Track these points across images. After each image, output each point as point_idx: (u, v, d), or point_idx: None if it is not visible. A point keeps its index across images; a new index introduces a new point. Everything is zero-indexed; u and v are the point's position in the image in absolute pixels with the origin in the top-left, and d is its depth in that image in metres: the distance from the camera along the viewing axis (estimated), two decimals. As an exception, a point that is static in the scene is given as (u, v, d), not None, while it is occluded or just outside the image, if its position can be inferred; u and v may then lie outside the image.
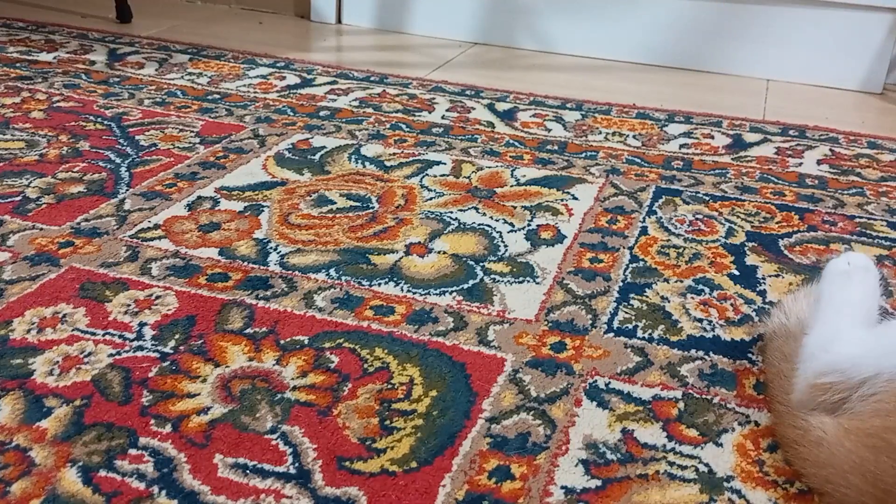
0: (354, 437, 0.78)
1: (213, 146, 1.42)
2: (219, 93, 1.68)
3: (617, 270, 1.08)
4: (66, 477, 0.72)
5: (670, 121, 1.63)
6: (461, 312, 0.98)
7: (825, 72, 1.90)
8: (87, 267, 1.04)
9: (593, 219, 1.22)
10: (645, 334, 0.95)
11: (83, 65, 1.82)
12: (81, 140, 1.42)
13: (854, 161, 1.47)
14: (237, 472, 0.74)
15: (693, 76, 1.96)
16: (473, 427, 0.80)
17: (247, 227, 1.16)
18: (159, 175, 1.30)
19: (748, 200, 1.30)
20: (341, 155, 1.40)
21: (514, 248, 1.13)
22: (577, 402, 0.84)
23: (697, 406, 0.84)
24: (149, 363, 0.87)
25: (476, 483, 0.74)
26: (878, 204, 1.31)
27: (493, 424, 0.80)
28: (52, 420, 0.79)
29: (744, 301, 1.03)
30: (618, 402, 0.84)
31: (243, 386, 0.84)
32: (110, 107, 1.57)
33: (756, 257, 1.13)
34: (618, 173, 1.37)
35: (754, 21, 1.91)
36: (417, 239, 1.14)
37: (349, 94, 1.71)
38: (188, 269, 1.05)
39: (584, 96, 1.75)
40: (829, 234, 1.20)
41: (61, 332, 0.92)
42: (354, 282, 1.03)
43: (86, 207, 1.19)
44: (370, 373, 0.87)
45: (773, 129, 1.61)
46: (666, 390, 0.86)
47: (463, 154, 1.43)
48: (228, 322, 0.94)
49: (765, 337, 0.93)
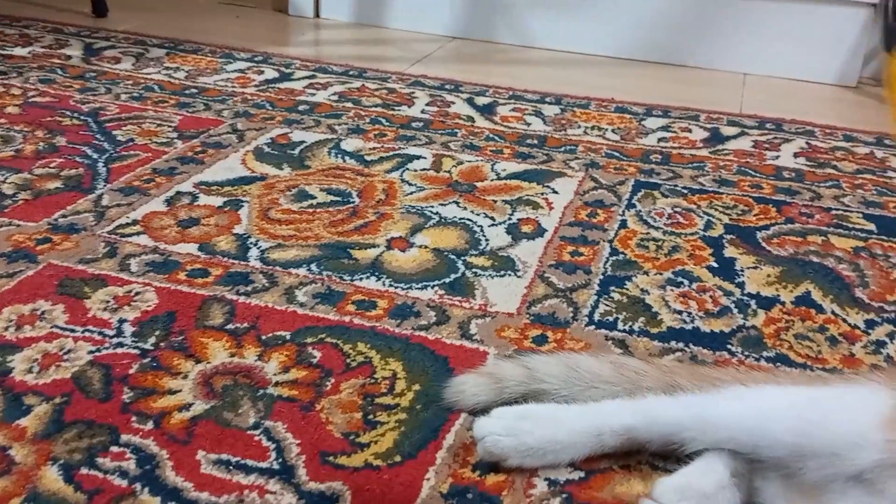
0: (338, 432, 0.78)
1: (191, 141, 1.41)
2: (196, 87, 1.67)
3: (597, 263, 1.09)
4: (46, 475, 0.72)
5: (648, 115, 1.64)
6: (443, 306, 0.98)
7: (801, 66, 1.91)
8: (65, 263, 1.03)
9: (573, 212, 1.22)
10: (626, 326, 0.96)
11: (59, 59, 1.80)
12: (58, 135, 1.40)
13: (830, 154, 1.49)
14: (220, 469, 0.74)
15: (670, 70, 1.97)
16: (457, 420, 0.80)
17: (226, 222, 1.15)
18: (137, 170, 1.29)
19: (726, 193, 1.31)
20: (321, 149, 1.40)
21: (495, 241, 1.13)
22: (560, 394, 0.84)
23: (678, 397, 0.85)
24: (129, 360, 0.87)
25: (460, 476, 0.74)
26: (854, 196, 1.32)
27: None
28: (31, 418, 0.78)
29: (723, 293, 1.04)
30: (600, 394, 0.84)
31: (225, 382, 0.84)
32: (87, 102, 1.56)
33: (734, 249, 1.14)
34: (597, 167, 1.38)
35: (731, 16, 1.93)
36: (398, 233, 1.14)
37: (328, 88, 1.70)
38: (167, 265, 1.04)
39: (563, 90, 1.75)
40: (807, 226, 1.21)
41: (40, 329, 0.91)
42: (336, 277, 1.03)
43: (63, 203, 1.18)
44: (353, 368, 0.87)
45: (750, 122, 1.62)
46: (647, 382, 0.87)
47: (443, 148, 1.43)
48: (209, 318, 0.94)
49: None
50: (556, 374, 0.82)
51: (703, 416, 0.74)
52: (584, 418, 0.77)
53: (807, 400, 0.71)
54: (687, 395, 0.78)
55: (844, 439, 0.65)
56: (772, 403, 0.73)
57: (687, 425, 0.74)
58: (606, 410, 0.78)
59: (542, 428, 0.76)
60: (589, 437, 0.76)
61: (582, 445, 0.76)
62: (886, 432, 0.63)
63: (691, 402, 0.77)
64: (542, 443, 0.75)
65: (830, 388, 0.73)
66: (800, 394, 0.74)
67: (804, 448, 0.67)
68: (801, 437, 0.68)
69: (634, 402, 0.78)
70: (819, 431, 0.67)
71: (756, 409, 0.73)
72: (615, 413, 0.77)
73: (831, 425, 0.67)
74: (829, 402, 0.69)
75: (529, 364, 0.83)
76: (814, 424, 0.68)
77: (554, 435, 0.76)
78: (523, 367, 0.83)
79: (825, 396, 0.71)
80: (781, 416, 0.71)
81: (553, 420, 0.77)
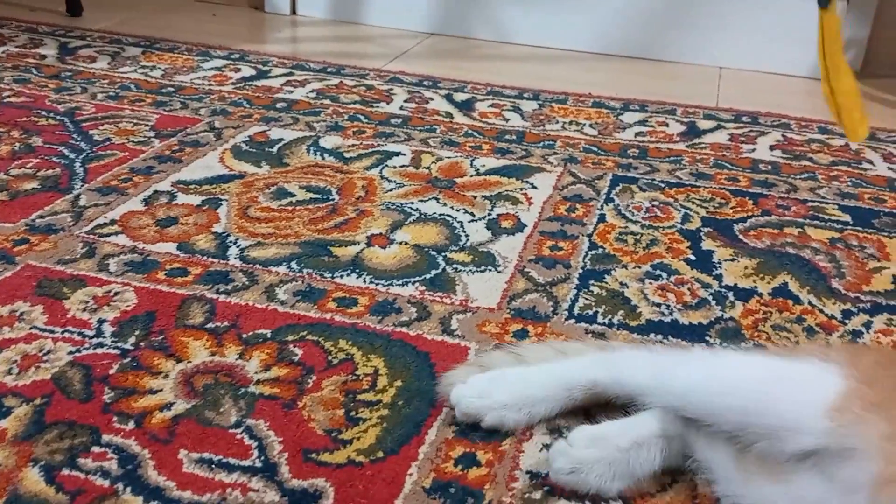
0: (320, 429, 0.78)
1: (169, 140, 1.40)
2: (173, 86, 1.66)
3: (576, 258, 1.09)
4: (28, 476, 0.72)
5: (625, 109, 1.65)
6: (424, 302, 0.98)
7: (776, 59, 1.92)
8: (43, 264, 1.03)
9: (552, 207, 1.23)
10: (605, 320, 0.97)
11: (33, 59, 1.79)
12: (34, 135, 1.39)
13: (806, 146, 1.50)
14: (203, 467, 0.74)
15: (647, 65, 1.98)
16: (439, 416, 0.80)
17: (205, 221, 1.15)
18: (114, 170, 1.29)
19: (703, 186, 1.32)
20: (300, 147, 1.40)
21: (475, 237, 1.14)
22: (541, 388, 0.85)
23: (658, 389, 0.85)
24: (109, 360, 0.86)
25: (442, 471, 0.74)
26: (830, 188, 1.33)
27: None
28: (11, 420, 0.78)
29: (700, 285, 1.04)
30: (580, 387, 0.85)
31: (206, 381, 0.84)
32: (63, 101, 1.55)
33: (712, 242, 1.15)
34: (575, 162, 1.39)
35: (706, 10, 1.94)
36: (379, 230, 1.14)
37: (306, 85, 1.70)
38: (146, 265, 1.04)
39: (541, 86, 1.76)
40: (783, 218, 1.23)
41: (19, 330, 0.90)
42: (316, 274, 1.03)
43: (40, 204, 1.17)
44: (334, 365, 0.87)
45: (726, 115, 1.63)
46: (627, 375, 0.87)
47: (422, 145, 1.43)
48: (189, 317, 0.94)
49: None
50: (544, 357, 0.83)
51: (662, 381, 0.76)
52: (553, 375, 0.80)
53: (759, 377, 0.72)
54: (655, 353, 0.81)
55: (788, 422, 0.67)
56: (726, 375, 0.74)
57: (646, 388, 0.76)
58: (574, 367, 0.81)
59: (513, 385, 0.79)
60: (559, 390, 0.79)
61: (553, 399, 0.79)
62: (830, 419, 0.64)
63: (656, 361, 0.79)
64: (514, 399, 0.78)
65: (787, 364, 0.73)
66: (755, 368, 0.74)
67: (749, 426, 0.69)
68: (747, 416, 0.69)
69: (603, 358, 0.81)
70: (764, 411, 0.68)
71: (709, 381, 0.74)
72: (583, 369, 0.80)
73: (776, 407, 0.68)
74: (779, 382, 0.70)
75: (518, 350, 0.85)
76: (760, 404, 0.69)
77: (524, 390, 0.79)
78: (512, 354, 0.85)
79: (778, 375, 0.71)
80: (731, 390, 0.72)
81: (523, 380, 0.80)
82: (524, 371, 0.82)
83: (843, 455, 0.63)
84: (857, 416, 0.64)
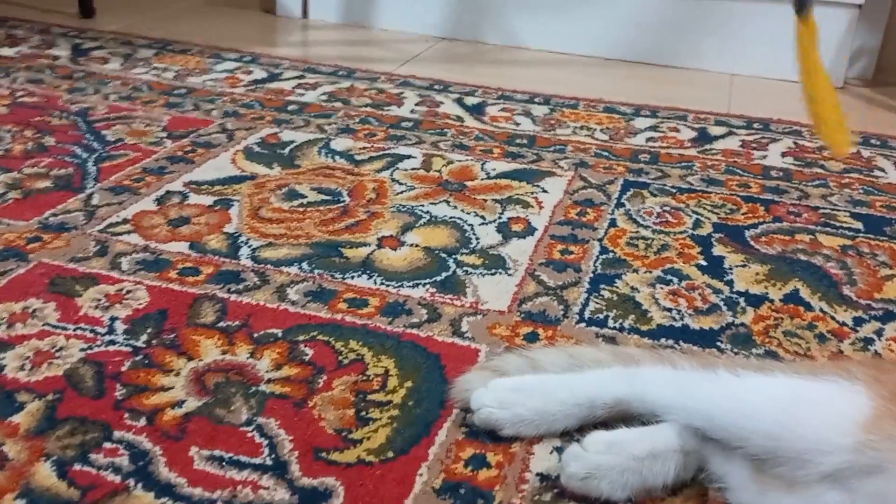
0: (330, 429, 0.78)
1: (181, 141, 1.41)
2: (185, 87, 1.67)
3: (587, 262, 1.09)
4: (40, 471, 0.72)
5: (637, 115, 1.65)
6: (434, 304, 0.98)
7: (788, 66, 1.92)
8: (56, 262, 1.03)
9: (563, 211, 1.23)
10: (616, 324, 0.97)
11: (46, 60, 1.80)
12: (47, 135, 1.40)
13: (817, 153, 1.50)
14: (213, 465, 0.74)
15: (658, 71, 1.98)
16: (449, 417, 0.80)
17: (217, 221, 1.15)
18: (127, 170, 1.29)
19: (714, 192, 1.32)
20: (311, 149, 1.40)
21: (486, 240, 1.14)
22: (551, 390, 0.85)
23: (669, 393, 0.85)
24: (121, 357, 0.87)
25: (452, 472, 0.74)
26: (842, 195, 1.33)
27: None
28: (24, 415, 0.78)
29: (712, 291, 1.04)
30: (591, 390, 0.85)
31: (217, 379, 0.84)
32: (75, 102, 1.56)
33: (723, 248, 1.15)
34: (586, 166, 1.39)
35: (718, 16, 1.94)
36: (389, 232, 1.14)
37: (317, 88, 1.70)
38: (158, 264, 1.04)
39: (552, 91, 1.76)
40: (794, 224, 1.22)
41: (32, 326, 0.91)
42: (327, 275, 1.03)
43: (53, 202, 1.18)
44: (345, 365, 0.87)
45: (737, 122, 1.63)
46: (638, 378, 0.87)
47: (433, 148, 1.43)
48: (201, 316, 0.94)
49: None
50: (556, 361, 0.83)
51: (686, 402, 0.75)
52: (575, 390, 0.79)
53: (786, 399, 0.71)
54: (678, 370, 0.79)
55: (817, 444, 0.66)
56: (752, 399, 0.73)
57: (670, 407, 0.75)
58: (598, 382, 0.79)
59: (534, 399, 0.78)
60: (580, 408, 0.78)
61: (574, 416, 0.78)
62: (858, 435, 0.64)
63: (679, 381, 0.77)
64: (534, 414, 0.77)
65: (813, 385, 0.73)
66: (781, 390, 0.74)
67: (775, 450, 0.68)
68: (776, 441, 0.68)
69: (626, 374, 0.80)
70: (792, 435, 0.67)
71: (736, 404, 0.73)
72: (606, 385, 0.79)
73: (805, 430, 0.67)
74: (806, 405, 0.69)
75: (530, 354, 0.85)
76: (788, 428, 0.68)
77: (545, 406, 0.78)
78: (525, 357, 0.84)
79: (805, 397, 0.71)
80: (758, 414, 0.71)
81: (545, 392, 0.79)
82: (546, 383, 0.80)
83: (868, 471, 0.62)
84: (889, 434, 0.63)
